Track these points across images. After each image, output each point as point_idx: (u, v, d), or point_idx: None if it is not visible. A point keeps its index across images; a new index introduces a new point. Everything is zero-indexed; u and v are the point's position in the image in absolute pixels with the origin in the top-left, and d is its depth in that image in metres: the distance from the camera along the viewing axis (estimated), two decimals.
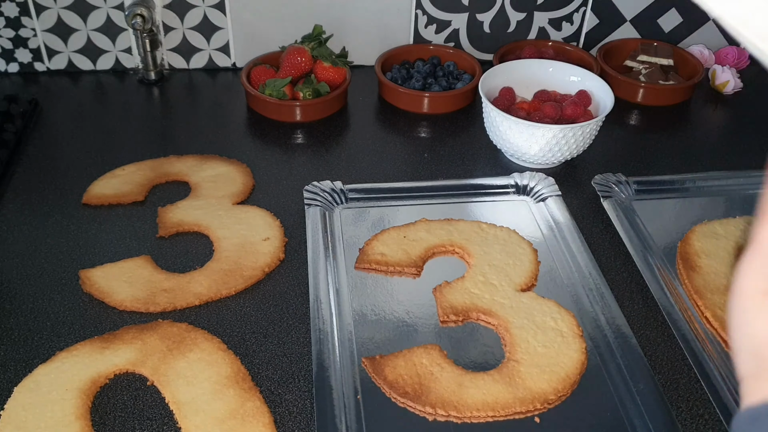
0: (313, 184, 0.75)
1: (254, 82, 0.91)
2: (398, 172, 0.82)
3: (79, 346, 0.59)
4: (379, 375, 0.56)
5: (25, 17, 0.92)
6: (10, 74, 0.96)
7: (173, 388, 0.56)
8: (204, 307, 0.64)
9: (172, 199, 0.76)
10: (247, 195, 0.77)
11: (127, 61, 0.98)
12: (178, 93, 0.96)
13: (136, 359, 0.58)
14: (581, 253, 0.68)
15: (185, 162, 0.81)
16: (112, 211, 0.74)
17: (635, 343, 0.60)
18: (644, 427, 0.54)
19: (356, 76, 0.97)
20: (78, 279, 0.66)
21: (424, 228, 0.71)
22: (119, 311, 0.63)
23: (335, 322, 0.61)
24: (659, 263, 0.68)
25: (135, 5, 0.89)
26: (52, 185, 0.77)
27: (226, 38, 0.98)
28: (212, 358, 0.58)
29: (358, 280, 0.66)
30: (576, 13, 1.02)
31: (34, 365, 0.57)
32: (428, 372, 0.57)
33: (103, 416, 0.54)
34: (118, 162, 0.80)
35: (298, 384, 0.57)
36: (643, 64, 0.99)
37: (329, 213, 0.73)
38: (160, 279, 0.65)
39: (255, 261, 0.68)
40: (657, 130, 0.92)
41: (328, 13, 0.96)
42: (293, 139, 0.87)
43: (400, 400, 0.55)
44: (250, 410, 0.54)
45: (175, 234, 0.72)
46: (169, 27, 0.96)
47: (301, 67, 0.91)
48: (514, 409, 0.55)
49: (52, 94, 0.94)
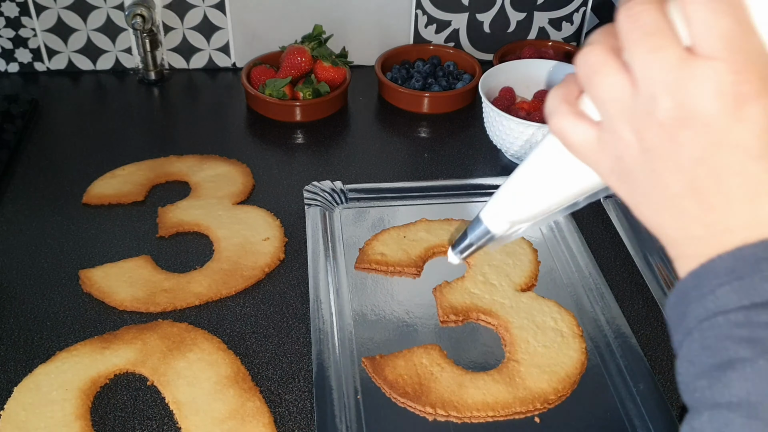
0: (313, 184, 0.75)
1: (254, 82, 0.91)
2: (398, 172, 0.82)
3: (79, 346, 0.59)
4: (379, 375, 0.56)
5: (25, 17, 0.92)
6: (10, 74, 0.96)
7: (173, 388, 0.56)
8: (204, 307, 0.64)
9: (172, 199, 0.76)
10: (247, 195, 0.77)
11: (127, 61, 0.98)
12: (178, 93, 0.96)
13: (136, 359, 0.58)
14: (581, 253, 0.68)
15: (185, 162, 0.81)
16: (112, 211, 0.74)
17: (635, 343, 0.60)
18: (644, 427, 0.54)
19: (356, 76, 0.97)
20: (78, 279, 0.66)
21: (424, 228, 0.71)
22: (119, 311, 0.63)
23: (335, 322, 0.61)
24: (659, 263, 0.68)
25: (135, 5, 0.89)
26: (52, 185, 0.77)
27: (226, 38, 0.98)
28: (212, 358, 0.58)
29: (358, 280, 0.66)
30: (576, 13, 1.02)
31: (34, 365, 0.57)
32: (428, 372, 0.57)
33: (103, 416, 0.54)
34: (118, 162, 0.80)
35: (298, 384, 0.57)
36: None
37: (329, 213, 0.73)
38: (160, 279, 0.65)
39: (255, 261, 0.68)
40: None
41: (329, 13, 0.96)
42: (293, 139, 0.87)
43: (400, 400, 0.55)
44: (250, 410, 0.54)
45: (175, 234, 0.72)
46: (169, 27, 0.96)
47: (301, 67, 0.91)
48: (514, 409, 0.55)
49: (52, 94, 0.94)
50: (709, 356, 0.30)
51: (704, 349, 0.30)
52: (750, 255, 0.30)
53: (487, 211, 0.44)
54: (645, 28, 0.30)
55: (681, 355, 0.32)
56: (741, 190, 0.30)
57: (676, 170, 0.31)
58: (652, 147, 0.31)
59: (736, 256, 0.30)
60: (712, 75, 0.29)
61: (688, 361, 0.31)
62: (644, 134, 0.31)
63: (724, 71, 0.28)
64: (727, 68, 0.28)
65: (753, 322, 0.29)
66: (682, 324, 0.32)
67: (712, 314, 0.30)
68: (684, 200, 0.32)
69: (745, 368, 0.28)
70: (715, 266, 0.31)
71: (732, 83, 0.28)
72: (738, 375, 0.28)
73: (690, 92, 0.29)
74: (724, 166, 0.30)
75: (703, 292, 0.31)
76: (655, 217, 0.34)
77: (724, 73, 0.28)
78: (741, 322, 0.29)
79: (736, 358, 0.29)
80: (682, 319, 0.32)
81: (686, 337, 0.31)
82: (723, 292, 0.30)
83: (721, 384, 0.29)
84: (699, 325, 0.30)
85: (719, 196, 0.30)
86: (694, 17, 0.29)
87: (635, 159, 0.33)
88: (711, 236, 0.31)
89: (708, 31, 0.29)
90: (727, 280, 0.30)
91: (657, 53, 0.30)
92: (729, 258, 0.30)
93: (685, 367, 0.31)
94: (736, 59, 0.28)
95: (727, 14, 0.28)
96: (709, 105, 0.29)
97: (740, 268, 0.30)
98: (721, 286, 0.30)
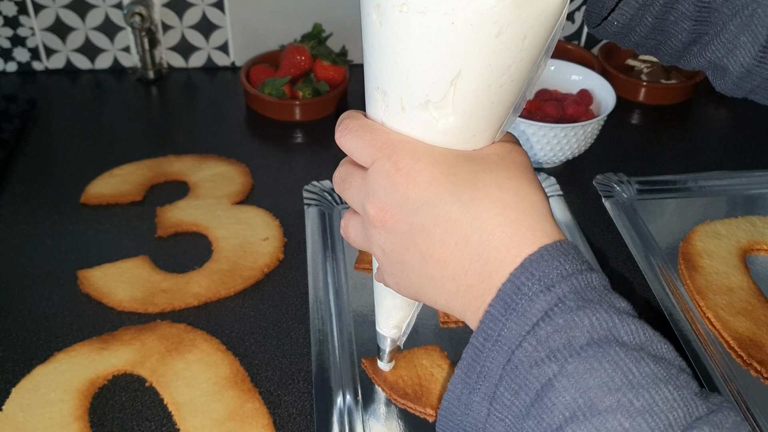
0: (313, 183, 0.75)
1: (253, 81, 0.91)
2: None
3: (78, 346, 0.59)
4: (379, 376, 0.56)
5: (23, 16, 0.92)
6: (8, 73, 0.96)
7: (172, 389, 0.55)
8: (203, 308, 0.63)
9: (170, 198, 0.75)
10: (246, 195, 0.76)
11: (126, 60, 0.98)
12: (177, 92, 0.96)
13: (135, 360, 0.57)
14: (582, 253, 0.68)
15: (184, 161, 0.80)
16: (110, 210, 0.74)
17: None
18: None
19: (356, 74, 0.97)
20: (76, 279, 0.65)
21: None
22: (117, 312, 0.62)
23: (335, 322, 0.60)
24: (661, 263, 0.67)
25: (133, 4, 0.89)
26: (50, 185, 0.77)
27: (225, 37, 0.97)
28: (211, 359, 0.58)
29: (358, 280, 0.66)
30: (577, 11, 1.01)
31: (33, 366, 0.57)
32: (428, 373, 0.56)
33: (101, 417, 0.54)
34: (116, 161, 0.80)
35: (297, 385, 0.57)
36: (644, 63, 0.99)
37: (329, 213, 0.72)
38: (158, 279, 0.65)
39: (254, 261, 0.67)
40: (659, 130, 0.91)
41: (328, 11, 0.96)
42: (293, 139, 0.87)
43: (401, 401, 0.55)
44: (249, 411, 0.54)
45: (173, 234, 0.71)
46: (168, 26, 0.95)
47: (301, 66, 0.90)
48: None
49: (50, 93, 0.93)
50: (525, 394, 0.31)
51: (516, 393, 0.31)
52: (509, 288, 0.32)
53: (377, 324, 0.50)
54: (337, 175, 0.40)
55: (491, 426, 0.33)
56: (448, 234, 0.34)
57: (404, 250, 0.36)
58: (383, 243, 0.37)
59: (500, 295, 0.32)
60: (377, 169, 0.35)
61: (501, 420, 0.32)
62: (369, 232, 0.38)
63: (383, 161, 0.35)
64: (383, 159, 0.35)
65: (541, 339, 0.30)
66: (477, 395, 0.33)
67: (510, 353, 0.31)
68: (426, 269, 0.35)
69: (560, 381, 0.29)
70: (492, 311, 0.32)
71: (389, 165, 0.35)
72: (558, 391, 0.29)
73: (373, 190, 0.36)
74: (425, 224, 0.34)
75: (493, 341, 0.32)
76: (430, 296, 0.37)
77: (383, 162, 0.35)
78: (534, 345, 0.31)
79: (548, 378, 0.30)
80: (478, 387, 0.33)
81: (493, 401, 0.32)
82: (508, 329, 0.32)
83: (548, 410, 0.30)
84: (503, 370, 0.32)
85: (439, 247, 0.34)
86: (345, 148, 0.38)
87: (385, 252, 0.38)
88: (468, 288, 0.34)
89: (356, 152, 0.37)
90: (506, 318, 0.32)
91: (350, 187, 0.39)
92: (497, 299, 0.32)
93: (501, 431, 0.32)
94: (384, 152, 0.35)
95: (352, 134, 0.37)
96: (383, 190, 0.35)
97: (509, 302, 0.32)
98: (505, 325, 0.32)
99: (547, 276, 0.31)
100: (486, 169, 0.35)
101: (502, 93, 0.33)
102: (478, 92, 0.33)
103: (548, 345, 0.30)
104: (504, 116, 0.36)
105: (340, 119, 0.38)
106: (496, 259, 0.33)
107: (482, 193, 0.34)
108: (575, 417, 0.29)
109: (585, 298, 0.31)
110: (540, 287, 0.31)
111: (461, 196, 0.33)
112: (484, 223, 0.33)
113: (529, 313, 0.31)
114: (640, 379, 0.29)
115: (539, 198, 0.35)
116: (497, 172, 0.35)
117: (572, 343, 0.30)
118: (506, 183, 0.34)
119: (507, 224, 0.33)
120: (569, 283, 0.31)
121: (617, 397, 0.28)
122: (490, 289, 0.33)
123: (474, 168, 0.35)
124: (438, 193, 0.34)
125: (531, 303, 0.31)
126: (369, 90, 0.37)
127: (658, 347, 0.31)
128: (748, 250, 0.71)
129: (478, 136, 0.36)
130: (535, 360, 0.30)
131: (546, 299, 0.31)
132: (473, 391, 0.33)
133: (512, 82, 0.33)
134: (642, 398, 0.28)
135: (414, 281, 0.37)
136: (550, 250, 0.32)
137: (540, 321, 0.31)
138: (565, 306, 0.31)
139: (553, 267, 0.32)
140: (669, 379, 0.29)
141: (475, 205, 0.33)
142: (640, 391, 0.28)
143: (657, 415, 0.28)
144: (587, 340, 0.30)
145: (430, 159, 0.34)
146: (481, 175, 0.34)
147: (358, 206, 0.38)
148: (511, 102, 0.35)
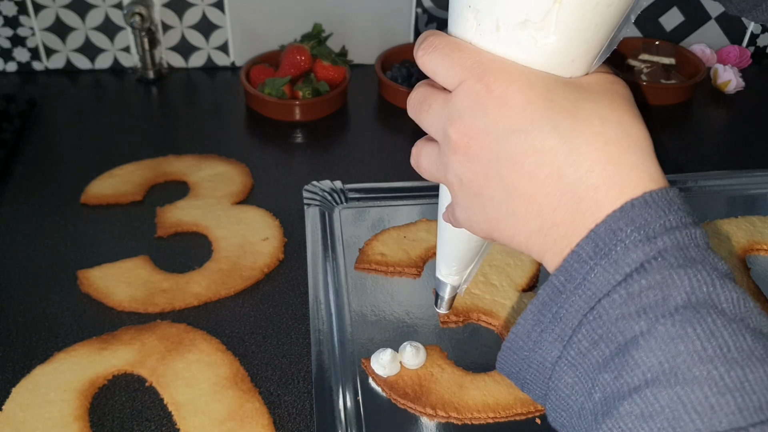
0: (313, 183, 0.75)
1: (253, 81, 0.91)
2: (398, 172, 0.81)
3: (78, 346, 0.59)
4: (379, 376, 0.56)
5: (24, 16, 0.92)
6: (8, 73, 0.96)
7: (172, 389, 0.55)
8: (203, 308, 0.63)
9: (170, 198, 0.75)
10: (246, 195, 0.76)
11: (126, 60, 0.98)
12: (177, 92, 0.96)
13: (135, 360, 0.57)
14: None
15: (184, 161, 0.80)
16: (110, 210, 0.74)
17: None
18: None
19: (356, 75, 0.97)
20: (76, 279, 0.65)
21: (424, 228, 0.71)
22: (117, 312, 0.62)
23: (335, 322, 0.60)
24: None
25: (133, 4, 0.89)
26: (50, 185, 0.77)
27: (225, 37, 0.97)
28: (211, 359, 0.58)
29: (358, 280, 0.66)
30: None
31: (32, 366, 0.57)
32: (428, 373, 0.56)
33: (101, 417, 0.54)
34: (116, 161, 0.80)
35: (297, 385, 0.57)
36: (644, 63, 0.99)
37: (329, 213, 0.72)
38: (158, 279, 0.65)
39: (254, 261, 0.67)
40: (658, 130, 0.91)
41: (328, 11, 0.96)
42: (293, 139, 0.87)
43: (400, 401, 0.55)
44: (249, 411, 0.54)
45: (173, 234, 0.71)
46: (168, 26, 0.95)
47: (301, 66, 0.90)
48: (515, 410, 0.54)
49: (51, 93, 0.93)
50: (605, 346, 0.29)
51: (596, 343, 0.29)
52: (603, 231, 0.29)
53: (438, 270, 0.47)
54: (413, 98, 0.36)
55: (561, 369, 0.31)
56: (539, 166, 0.31)
57: (486, 180, 0.33)
58: (462, 172, 0.34)
59: (592, 236, 0.30)
60: (465, 90, 0.32)
61: (572, 366, 0.30)
62: (449, 159, 0.34)
63: (472, 82, 0.32)
64: (472, 80, 0.32)
65: (633, 293, 0.28)
66: (550, 335, 0.31)
67: (596, 301, 0.29)
68: (507, 203, 0.32)
69: (648, 340, 0.27)
70: (580, 252, 0.30)
71: (480, 87, 0.31)
72: (643, 350, 0.27)
73: (458, 113, 0.32)
74: (514, 153, 0.31)
75: (577, 283, 0.30)
76: (507, 232, 0.34)
77: (473, 83, 0.32)
78: (624, 297, 0.28)
79: (634, 335, 0.28)
80: (552, 328, 0.31)
81: (567, 346, 0.30)
82: (596, 275, 0.29)
83: (629, 367, 0.28)
84: (584, 317, 0.29)
85: (526, 180, 0.31)
86: (428, 68, 0.34)
87: (462, 181, 0.34)
88: (553, 227, 0.31)
89: (440, 72, 0.33)
90: (595, 262, 0.29)
91: (429, 110, 0.35)
92: (587, 240, 0.30)
93: (572, 376, 0.30)
94: (474, 72, 0.32)
95: (438, 53, 0.33)
96: (469, 113, 0.32)
97: (601, 246, 0.29)
98: (593, 269, 0.29)
99: (649, 225, 0.29)
100: (587, 99, 0.31)
101: (607, 14, 0.31)
102: (584, 10, 0.30)
103: (640, 300, 0.28)
104: (603, 43, 0.33)
105: (423, 36, 0.34)
106: (593, 198, 0.30)
107: (583, 124, 0.30)
108: (657, 380, 0.27)
109: (687, 256, 0.28)
110: (640, 236, 0.28)
111: (559, 125, 0.30)
112: (582, 156, 0.30)
113: (622, 261, 0.28)
114: (735, 354, 0.26)
115: (644, 135, 0.32)
116: (599, 103, 0.31)
117: (667, 302, 0.28)
118: (609, 115, 0.31)
119: (609, 161, 0.30)
120: (673, 237, 0.29)
121: (708, 368, 0.26)
122: (581, 230, 0.30)
123: (574, 96, 0.31)
124: (533, 120, 0.30)
125: (627, 251, 0.28)
126: (458, 9, 0.33)
127: (759, 321, 0.28)
128: (748, 250, 0.71)
129: (577, 61, 0.32)
130: (622, 313, 0.28)
131: (644, 250, 0.28)
132: (545, 330, 0.31)
133: (619, 2, 0.31)
134: (734, 375, 0.26)
135: (491, 216, 0.33)
136: (655, 197, 0.29)
137: (634, 272, 0.28)
138: (665, 261, 0.28)
139: (656, 216, 0.29)
140: (766, 359, 0.27)
141: (575, 137, 0.30)
142: (733, 367, 0.26)
143: (748, 396, 0.26)
144: (684, 302, 0.27)
145: (526, 82, 0.31)
146: (582, 105, 0.31)
147: (438, 131, 0.34)
148: (612, 27, 0.32)
